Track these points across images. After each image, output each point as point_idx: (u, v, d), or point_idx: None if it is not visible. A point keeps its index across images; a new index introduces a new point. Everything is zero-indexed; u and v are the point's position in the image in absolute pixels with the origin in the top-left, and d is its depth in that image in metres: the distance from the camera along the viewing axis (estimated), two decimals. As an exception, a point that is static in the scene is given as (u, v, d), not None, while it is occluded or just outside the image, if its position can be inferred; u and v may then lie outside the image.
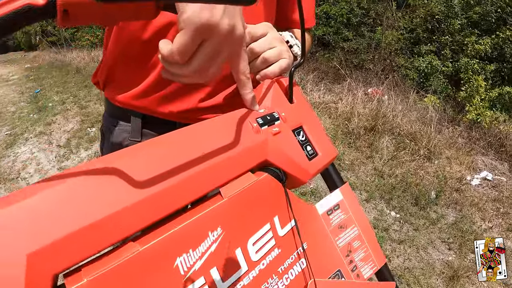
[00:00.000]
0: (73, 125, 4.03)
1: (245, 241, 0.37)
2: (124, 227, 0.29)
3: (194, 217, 0.33)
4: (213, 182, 0.36)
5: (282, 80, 0.50)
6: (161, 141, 0.36)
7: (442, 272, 1.94)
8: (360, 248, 0.48)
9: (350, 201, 0.50)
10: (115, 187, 0.30)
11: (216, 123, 0.40)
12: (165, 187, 0.32)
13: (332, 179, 0.52)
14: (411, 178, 2.78)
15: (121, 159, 0.32)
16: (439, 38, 5.67)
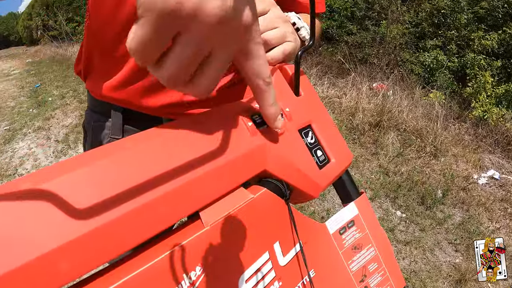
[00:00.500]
0: (72, 119, 3.98)
1: (236, 279, 0.28)
2: (59, 273, 0.21)
3: (161, 256, 0.24)
4: (191, 203, 0.27)
5: (287, 67, 0.41)
6: (119, 147, 0.27)
7: (449, 275, 1.88)
8: (377, 272, 0.41)
9: (366, 216, 0.42)
10: (49, 216, 0.21)
11: (199, 122, 0.31)
12: (119, 215, 0.23)
13: (346, 190, 0.43)
14: (417, 176, 2.70)
15: (60, 175, 0.23)
16: (444, 33, 5.57)
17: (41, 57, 10.60)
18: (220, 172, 0.28)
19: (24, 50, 15.40)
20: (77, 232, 0.21)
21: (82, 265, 0.21)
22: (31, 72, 7.88)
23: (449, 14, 5.52)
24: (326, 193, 2.46)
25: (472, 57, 5.06)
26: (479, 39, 5.13)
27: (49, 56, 10.04)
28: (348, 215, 0.40)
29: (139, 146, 0.27)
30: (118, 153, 0.25)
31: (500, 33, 5.12)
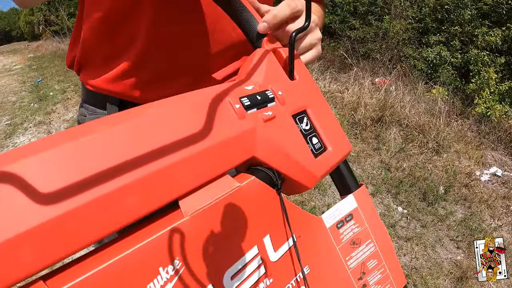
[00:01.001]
0: (73, 114, 4.00)
1: (220, 275, 0.26)
2: (27, 261, 0.19)
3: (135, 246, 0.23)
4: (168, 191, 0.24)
5: (281, 50, 0.39)
6: (92, 128, 0.24)
7: (450, 272, 1.86)
8: (377, 269, 0.39)
9: (366, 209, 0.39)
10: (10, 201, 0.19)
11: (179, 104, 0.28)
12: (88, 201, 0.21)
13: (345, 182, 0.40)
14: (419, 172, 2.67)
15: (26, 156, 0.21)
16: (448, 29, 5.52)
17: (43, 52, 10.63)
18: (202, 157, 0.26)
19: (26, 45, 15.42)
20: (40, 218, 0.19)
21: (47, 255, 0.20)
22: (32, 67, 7.91)
23: (452, 9, 5.46)
24: (327, 188, 2.43)
25: (475, 53, 5.01)
26: (482, 35, 5.07)
27: (50, 51, 10.07)
28: (346, 208, 0.38)
29: (114, 127, 0.24)
30: (90, 135, 0.23)
31: (504, 30, 5.07)
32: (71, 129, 0.24)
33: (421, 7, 5.80)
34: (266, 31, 0.39)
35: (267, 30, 0.39)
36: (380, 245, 0.39)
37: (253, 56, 0.37)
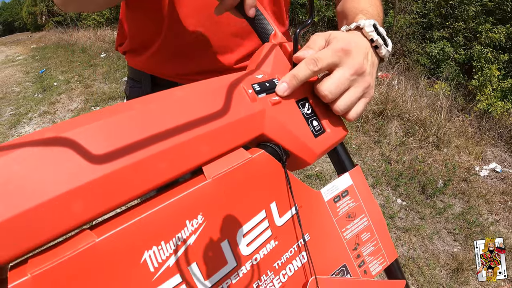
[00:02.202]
0: (77, 104, 4.01)
1: (234, 232, 0.31)
2: (78, 211, 0.23)
3: (167, 202, 0.27)
4: (193, 158, 0.29)
5: (286, 44, 0.43)
6: (131, 106, 0.29)
7: (447, 264, 1.90)
8: (370, 241, 0.43)
9: (360, 187, 0.43)
10: (67, 161, 0.24)
11: (203, 87, 0.33)
12: (130, 163, 0.25)
13: (341, 161, 0.44)
14: (419, 165, 2.71)
15: (79, 126, 0.26)
16: (452, 24, 5.49)
17: (46, 42, 10.60)
18: (222, 131, 0.31)
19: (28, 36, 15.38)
20: (91, 176, 0.24)
21: (95, 208, 0.24)
22: (36, 57, 7.89)
23: (457, 5, 5.44)
24: (328, 179, 2.48)
25: (479, 50, 5.00)
26: (486, 32, 5.05)
27: (53, 42, 10.04)
28: (342, 185, 0.42)
29: (150, 105, 0.29)
30: (130, 111, 0.28)
31: (508, 27, 5.04)
32: (117, 105, 0.29)
33: (425, 2, 5.77)
34: (284, 94, 0.38)
35: (286, 92, 0.38)
36: (373, 220, 0.43)
37: (262, 48, 0.42)
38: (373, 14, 0.52)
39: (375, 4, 0.57)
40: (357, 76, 0.41)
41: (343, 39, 0.41)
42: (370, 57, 0.44)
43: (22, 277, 0.21)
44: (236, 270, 0.31)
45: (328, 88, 0.39)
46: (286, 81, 0.38)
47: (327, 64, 0.39)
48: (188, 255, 0.28)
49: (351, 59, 0.40)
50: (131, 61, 0.75)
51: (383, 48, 0.45)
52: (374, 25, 0.46)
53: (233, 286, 0.31)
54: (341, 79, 0.39)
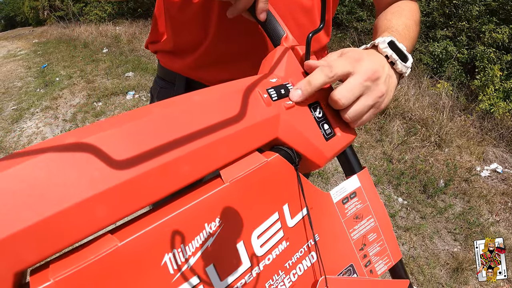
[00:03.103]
0: (80, 99, 4.01)
1: (249, 233, 0.32)
2: (101, 216, 0.24)
3: (186, 206, 0.28)
4: (212, 162, 0.30)
5: (298, 48, 0.44)
6: (151, 111, 0.29)
7: (447, 263, 1.91)
8: (376, 242, 0.44)
9: (368, 189, 0.44)
10: (91, 166, 0.24)
11: (219, 92, 0.34)
12: (152, 168, 0.26)
13: (350, 164, 0.45)
14: (421, 164, 2.71)
15: (101, 131, 0.26)
16: (455, 24, 5.47)
17: (48, 37, 10.56)
18: (238, 136, 0.32)
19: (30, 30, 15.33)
20: (114, 181, 0.24)
21: (118, 212, 0.24)
22: (38, 52, 7.87)
23: (460, 4, 5.41)
24: (330, 177, 2.49)
25: (482, 50, 4.98)
26: (489, 32, 5.04)
27: (55, 37, 10.01)
28: (350, 187, 0.43)
29: (169, 109, 0.30)
30: (150, 115, 0.29)
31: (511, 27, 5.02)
32: (136, 110, 0.29)
33: (429, 0, 5.74)
34: (299, 100, 0.39)
35: (300, 98, 0.39)
36: (380, 221, 0.44)
37: (275, 52, 0.42)
38: (400, 32, 0.52)
39: (408, 24, 0.56)
40: (371, 82, 0.41)
41: (356, 51, 0.42)
42: (387, 70, 0.44)
43: (45, 282, 0.22)
44: (250, 270, 0.32)
45: (341, 93, 0.39)
46: (300, 87, 0.39)
47: (342, 72, 0.39)
48: (206, 257, 0.29)
49: (364, 66, 0.40)
50: (166, 62, 0.72)
51: (398, 63, 0.45)
52: (391, 41, 0.45)
53: (247, 285, 0.31)
54: (354, 84, 0.40)
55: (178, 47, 0.67)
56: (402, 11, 0.59)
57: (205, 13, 0.59)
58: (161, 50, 0.73)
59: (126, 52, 5.79)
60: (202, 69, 0.66)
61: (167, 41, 0.69)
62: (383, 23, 0.57)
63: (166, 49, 0.71)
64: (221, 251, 0.30)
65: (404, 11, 0.59)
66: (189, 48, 0.66)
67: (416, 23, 0.59)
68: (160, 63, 0.75)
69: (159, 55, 0.74)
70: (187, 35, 0.64)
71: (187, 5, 0.59)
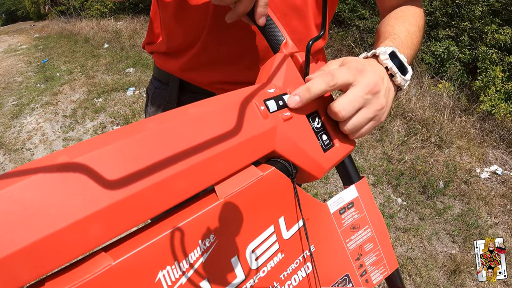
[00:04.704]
0: (80, 95, 4.01)
1: (244, 248, 0.31)
2: (95, 236, 0.24)
3: (181, 224, 0.28)
4: (208, 178, 0.29)
5: (297, 54, 0.43)
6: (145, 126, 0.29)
7: (444, 265, 1.92)
8: (372, 252, 0.43)
9: (365, 199, 0.44)
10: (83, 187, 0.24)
11: (216, 105, 0.33)
12: (146, 187, 0.26)
13: (348, 174, 0.45)
14: (420, 165, 2.71)
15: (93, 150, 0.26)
16: (458, 24, 5.45)
17: (49, 32, 10.54)
18: (234, 151, 0.31)
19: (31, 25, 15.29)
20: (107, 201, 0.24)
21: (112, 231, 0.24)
22: (38, 47, 7.85)
23: (463, 4, 5.39)
24: (330, 176, 2.48)
25: (484, 51, 4.97)
26: (492, 33, 5.02)
27: (56, 32, 9.99)
28: (348, 197, 0.43)
29: (164, 125, 0.29)
30: (144, 132, 0.28)
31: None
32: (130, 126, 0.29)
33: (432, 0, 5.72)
34: (296, 107, 0.38)
35: (298, 105, 0.38)
36: (376, 231, 0.44)
37: (274, 60, 0.41)
38: (403, 40, 0.51)
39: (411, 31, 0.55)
40: (371, 95, 0.40)
41: (358, 61, 0.41)
42: (386, 82, 0.43)
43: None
44: (244, 283, 0.32)
45: (341, 104, 0.39)
46: (299, 94, 0.38)
47: (342, 81, 0.39)
48: (200, 273, 0.28)
49: (366, 78, 0.40)
50: (160, 63, 0.73)
51: (398, 76, 0.45)
52: (392, 52, 0.45)
53: None
54: (355, 97, 0.39)
55: (172, 49, 0.68)
56: (405, 16, 0.58)
57: (198, 17, 0.59)
58: (156, 51, 0.73)
59: (127, 48, 5.77)
60: (194, 71, 0.66)
61: (162, 43, 0.69)
62: (386, 29, 0.56)
63: (161, 50, 0.71)
64: (215, 266, 0.29)
65: (407, 16, 0.59)
66: (181, 50, 0.66)
67: (420, 28, 0.58)
68: (155, 64, 0.76)
69: (154, 56, 0.75)
70: (180, 38, 0.64)
71: (180, 9, 0.59)
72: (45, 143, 3.01)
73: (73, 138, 3.07)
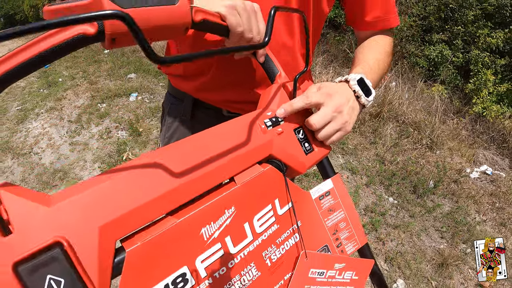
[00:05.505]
0: (84, 100, 4.10)
1: (252, 217, 0.46)
2: (166, 205, 0.38)
3: (215, 199, 0.42)
4: (230, 172, 0.45)
5: (288, 84, 0.57)
6: (193, 140, 0.44)
7: (433, 259, 2.04)
8: (346, 229, 0.57)
9: (339, 189, 0.58)
10: (161, 175, 0.39)
11: (233, 125, 0.49)
12: (196, 177, 0.41)
13: (326, 171, 0.59)
14: (412, 166, 2.84)
15: (165, 155, 0.41)
16: (451, 28, 5.58)
17: (49, 36, 10.61)
18: (246, 155, 0.46)
19: (30, 28, 15.32)
20: (172, 185, 0.39)
21: (174, 203, 0.39)
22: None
23: (457, 9, 5.51)
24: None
25: (476, 54, 5.09)
26: (484, 37, 5.15)
27: (56, 36, 10.07)
28: (325, 187, 0.57)
29: (203, 140, 0.45)
30: (193, 144, 0.44)
31: (506, 32, 5.12)
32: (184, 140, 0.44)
33: (426, 5, 5.84)
34: (282, 116, 0.53)
35: (283, 115, 0.53)
36: (348, 214, 0.57)
37: (271, 89, 0.56)
38: (371, 67, 0.67)
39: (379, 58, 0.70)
40: (337, 113, 0.55)
41: (329, 87, 0.56)
42: (352, 103, 0.58)
43: (135, 245, 0.35)
44: (252, 242, 0.46)
45: (315, 118, 0.54)
46: (284, 107, 0.54)
47: (315, 101, 0.54)
48: (225, 231, 0.43)
49: (333, 101, 0.55)
50: (176, 83, 0.84)
51: (362, 98, 0.59)
52: (361, 78, 0.60)
53: (250, 252, 0.46)
54: (324, 114, 0.54)
55: (187, 73, 0.80)
56: (376, 45, 0.74)
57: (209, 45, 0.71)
58: (172, 73, 0.85)
59: (128, 53, 5.89)
60: (207, 91, 0.79)
61: (178, 68, 0.81)
62: (359, 56, 0.72)
63: (176, 73, 0.83)
64: (234, 228, 0.44)
65: (378, 45, 0.74)
66: (195, 75, 0.78)
67: (387, 54, 0.73)
68: (171, 83, 0.88)
69: (170, 77, 0.87)
70: (195, 67, 0.77)
71: (197, 42, 0.72)
72: (52, 148, 3.12)
73: (80, 142, 3.19)
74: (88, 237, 0.32)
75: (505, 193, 2.77)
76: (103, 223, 0.33)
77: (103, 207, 0.34)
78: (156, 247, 0.37)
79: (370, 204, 2.42)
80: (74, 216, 0.32)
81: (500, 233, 2.41)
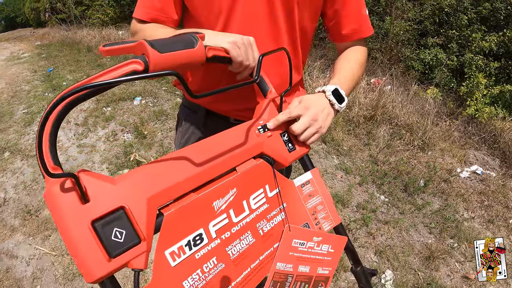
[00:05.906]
0: (89, 104, 4.21)
1: (249, 197, 0.61)
2: (190, 185, 0.53)
3: (222, 182, 0.57)
4: (233, 163, 0.59)
5: (276, 99, 0.72)
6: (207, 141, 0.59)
7: (420, 252, 2.17)
8: (323, 211, 0.71)
9: (317, 179, 0.72)
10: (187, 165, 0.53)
11: (235, 131, 0.63)
12: (209, 166, 0.55)
13: (306, 165, 0.74)
14: (403, 166, 2.97)
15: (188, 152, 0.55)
16: (446, 32, 5.70)
17: (50, 40, 10.51)
18: (244, 152, 0.61)
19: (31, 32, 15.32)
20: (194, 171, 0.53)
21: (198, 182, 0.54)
22: (42, 55, 7.95)
23: (452, 13, 5.62)
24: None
25: (470, 57, 5.21)
26: (477, 41, 5.26)
27: (58, 40, 9.99)
28: (306, 178, 0.71)
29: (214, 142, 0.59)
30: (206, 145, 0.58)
31: (500, 35, 5.23)
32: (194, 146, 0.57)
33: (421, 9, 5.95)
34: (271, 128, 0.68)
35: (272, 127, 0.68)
36: (324, 199, 0.72)
37: (263, 103, 0.71)
38: (346, 76, 0.82)
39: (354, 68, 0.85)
40: (313, 121, 0.70)
41: (308, 100, 0.72)
42: (327, 110, 0.73)
43: (169, 211, 0.50)
44: (249, 215, 0.61)
45: (296, 127, 0.69)
46: (273, 122, 0.69)
47: (296, 114, 0.70)
48: (230, 205, 0.57)
49: (310, 111, 0.70)
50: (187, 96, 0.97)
51: (336, 105, 0.75)
52: (336, 89, 0.75)
53: (247, 223, 0.60)
54: (303, 122, 0.69)
55: (200, 89, 0.93)
56: (350, 57, 0.89)
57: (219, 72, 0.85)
58: None
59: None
60: (219, 103, 0.93)
61: (192, 84, 0.95)
62: (336, 67, 0.87)
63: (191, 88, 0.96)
64: (235, 204, 0.58)
65: (352, 56, 0.89)
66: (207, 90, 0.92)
67: (360, 65, 0.89)
68: (185, 97, 1.04)
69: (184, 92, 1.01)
70: (206, 84, 0.90)
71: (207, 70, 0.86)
72: (60, 150, 3.25)
73: (87, 144, 3.32)
74: (140, 205, 0.46)
75: (494, 192, 2.87)
76: (150, 196, 0.47)
77: (149, 185, 0.48)
78: (183, 214, 0.51)
79: (362, 201, 2.55)
80: (131, 191, 0.46)
81: (488, 230, 2.50)
